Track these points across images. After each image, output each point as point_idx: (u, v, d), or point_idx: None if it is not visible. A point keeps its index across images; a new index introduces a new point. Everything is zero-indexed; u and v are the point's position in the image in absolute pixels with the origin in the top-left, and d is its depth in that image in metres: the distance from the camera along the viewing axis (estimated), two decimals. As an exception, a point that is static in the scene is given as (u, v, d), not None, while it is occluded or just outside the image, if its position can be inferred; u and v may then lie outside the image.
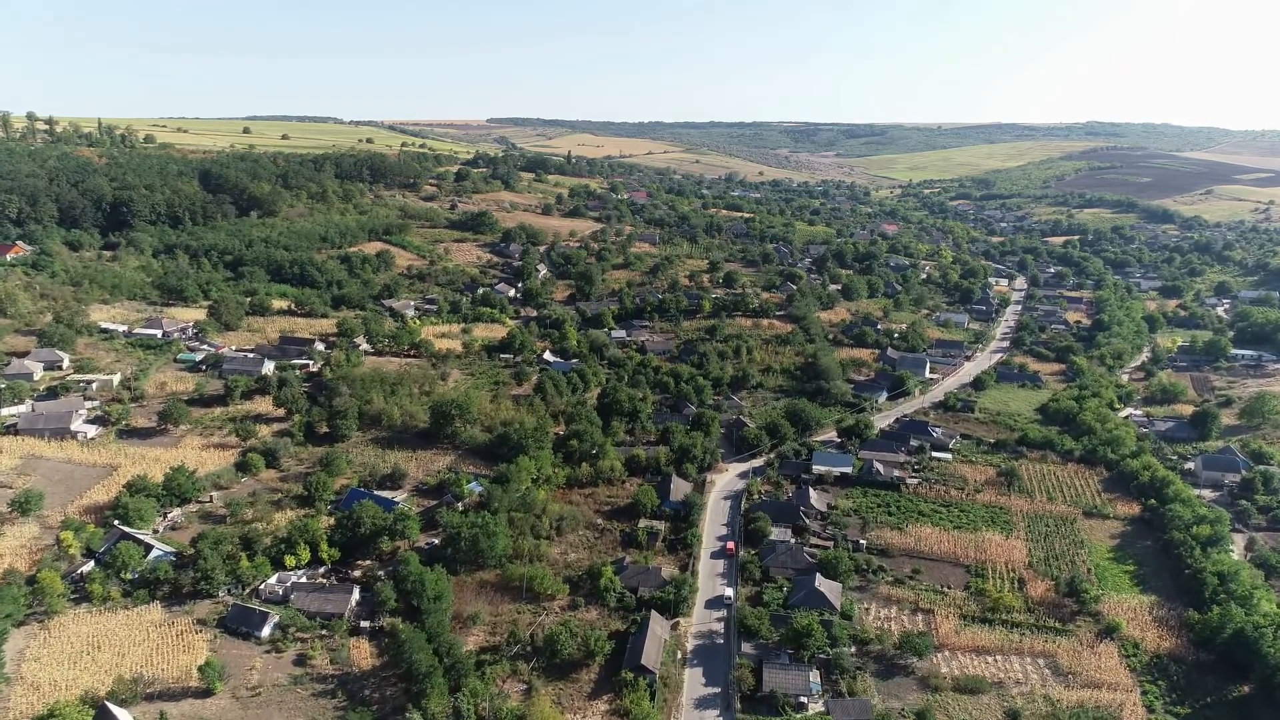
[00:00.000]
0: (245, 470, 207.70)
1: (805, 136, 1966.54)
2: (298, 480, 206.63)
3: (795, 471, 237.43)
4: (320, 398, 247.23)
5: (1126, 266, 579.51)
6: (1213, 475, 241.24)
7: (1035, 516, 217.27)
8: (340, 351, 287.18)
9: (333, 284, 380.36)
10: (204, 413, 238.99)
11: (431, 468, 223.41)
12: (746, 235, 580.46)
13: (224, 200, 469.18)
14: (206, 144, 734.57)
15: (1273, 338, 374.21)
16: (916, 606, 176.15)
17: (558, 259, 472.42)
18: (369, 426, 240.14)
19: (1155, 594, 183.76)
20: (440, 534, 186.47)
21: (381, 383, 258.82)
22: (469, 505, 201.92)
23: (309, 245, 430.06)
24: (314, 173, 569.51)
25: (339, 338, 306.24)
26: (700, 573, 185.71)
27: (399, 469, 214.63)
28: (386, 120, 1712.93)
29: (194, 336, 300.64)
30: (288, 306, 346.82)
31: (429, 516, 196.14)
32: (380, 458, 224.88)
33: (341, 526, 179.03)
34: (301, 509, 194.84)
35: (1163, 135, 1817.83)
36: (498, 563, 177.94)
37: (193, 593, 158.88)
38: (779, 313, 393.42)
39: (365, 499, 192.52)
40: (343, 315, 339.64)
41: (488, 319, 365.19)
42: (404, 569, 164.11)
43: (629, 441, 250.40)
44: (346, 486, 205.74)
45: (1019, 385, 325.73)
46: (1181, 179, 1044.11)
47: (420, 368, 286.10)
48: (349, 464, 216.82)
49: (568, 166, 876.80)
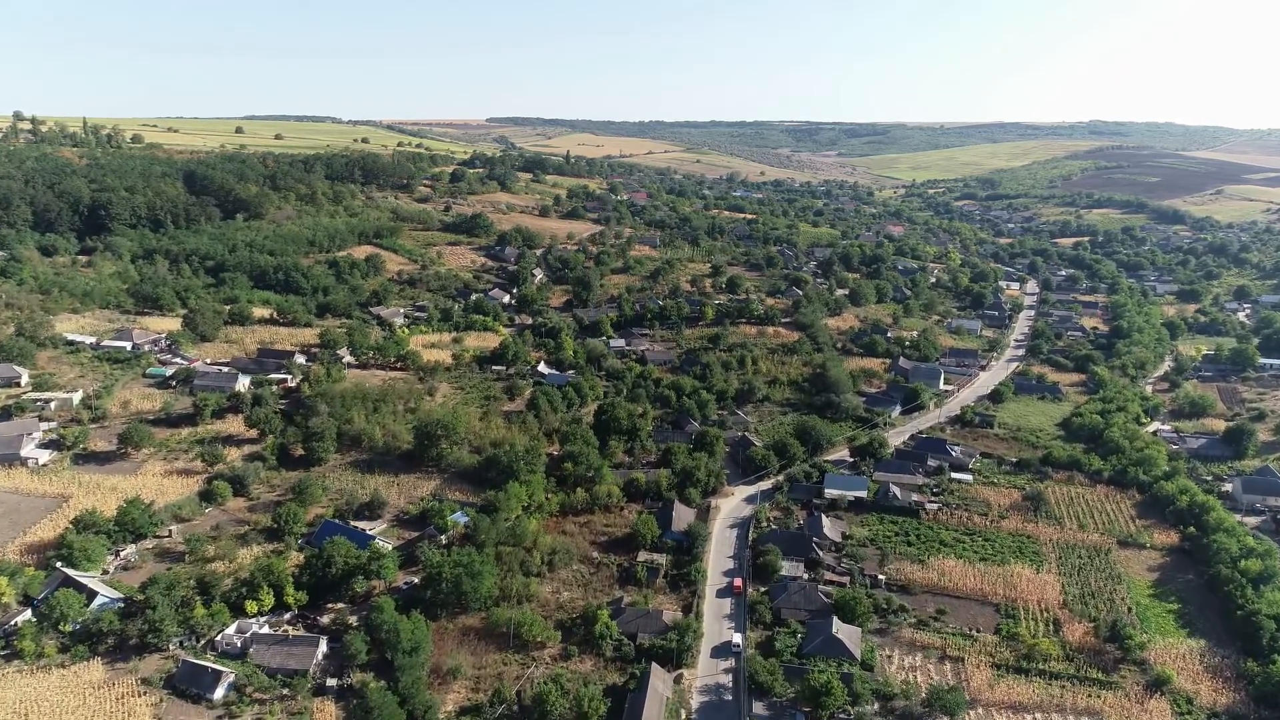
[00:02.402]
0: (210, 500, 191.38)
1: (807, 136, 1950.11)
2: (267, 510, 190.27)
3: (806, 496, 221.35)
4: (297, 416, 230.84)
5: (1140, 269, 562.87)
6: (1253, 499, 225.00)
7: (1066, 547, 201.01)
8: (320, 365, 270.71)
9: (318, 290, 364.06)
10: (170, 434, 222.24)
11: (414, 494, 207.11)
12: (749, 237, 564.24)
13: (208, 202, 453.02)
14: (196, 144, 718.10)
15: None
16: (944, 654, 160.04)
17: (555, 263, 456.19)
18: (348, 448, 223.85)
19: (1204, 637, 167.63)
20: (420, 572, 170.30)
21: (363, 399, 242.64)
22: (453, 538, 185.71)
23: (295, 249, 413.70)
24: (304, 174, 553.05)
25: (321, 349, 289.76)
26: (705, 614, 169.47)
27: (378, 497, 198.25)
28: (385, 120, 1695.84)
29: (166, 349, 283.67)
30: (269, 315, 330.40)
31: (409, 552, 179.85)
32: (359, 483, 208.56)
33: (310, 567, 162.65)
34: (270, 544, 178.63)
35: (1168, 134, 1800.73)
36: (483, 606, 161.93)
37: (140, 646, 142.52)
38: (785, 319, 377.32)
39: (339, 533, 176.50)
40: (327, 324, 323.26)
41: (480, 327, 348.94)
42: (378, 617, 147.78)
43: (628, 463, 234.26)
44: (321, 517, 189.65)
45: (1038, 398, 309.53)
46: (1190, 179, 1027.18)
47: (406, 382, 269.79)
48: (324, 491, 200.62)
49: (566, 167, 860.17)
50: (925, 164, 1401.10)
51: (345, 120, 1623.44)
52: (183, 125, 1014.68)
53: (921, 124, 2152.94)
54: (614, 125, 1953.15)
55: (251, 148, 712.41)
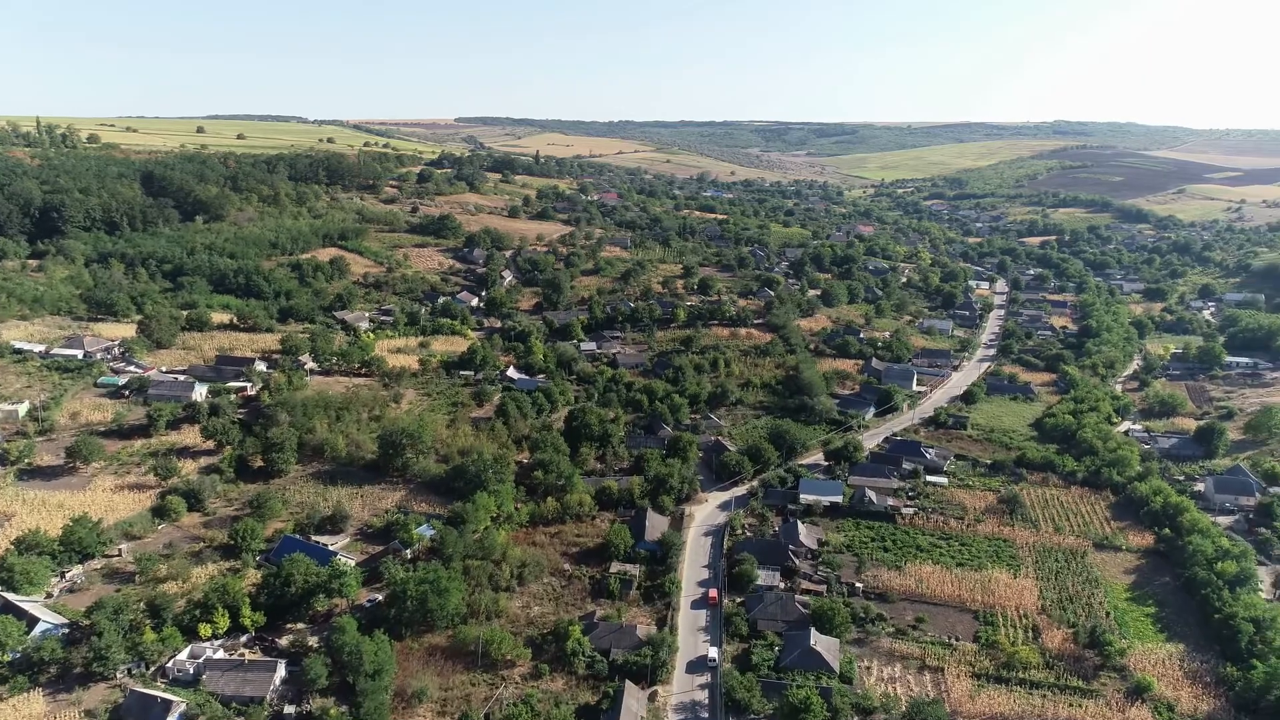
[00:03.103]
0: (163, 516, 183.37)
1: (776, 136, 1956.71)
2: (224, 526, 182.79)
3: (781, 502, 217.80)
4: (256, 426, 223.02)
5: (1107, 268, 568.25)
6: (1225, 498, 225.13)
7: (1043, 550, 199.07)
8: (281, 372, 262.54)
9: (280, 294, 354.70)
10: (122, 446, 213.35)
11: (379, 506, 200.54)
12: (721, 238, 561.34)
13: (166, 204, 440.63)
14: (155, 144, 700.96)
15: (1266, 344, 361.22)
16: (923, 663, 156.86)
17: (524, 265, 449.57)
18: (310, 459, 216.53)
19: (1182, 641, 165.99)
20: (385, 588, 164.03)
21: (326, 408, 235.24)
22: (419, 553, 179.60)
23: (257, 252, 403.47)
24: (266, 174, 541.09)
25: (282, 356, 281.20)
26: (680, 627, 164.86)
27: (341, 510, 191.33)
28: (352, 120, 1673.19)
29: (120, 356, 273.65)
30: (229, 320, 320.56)
31: (373, 567, 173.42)
32: (321, 495, 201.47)
33: (268, 585, 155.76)
34: (226, 561, 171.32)
35: (1129, 134, 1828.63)
36: (450, 623, 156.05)
37: (85, 675, 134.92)
38: (757, 321, 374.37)
39: (299, 549, 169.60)
40: (289, 329, 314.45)
41: (448, 331, 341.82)
42: (339, 638, 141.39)
43: (599, 470, 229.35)
44: (280, 532, 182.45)
45: (1011, 398, 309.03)
46: (1153, 178, 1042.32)
47: (371, 389, 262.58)
48: (284, 505, 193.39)
49: (536, 167, 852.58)
50: (894, 164, 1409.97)
51: (311, 120, 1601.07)
52: (142, 125, 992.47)
53: (889, 124, 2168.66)
54: (584, 125, 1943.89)
55: (213, 148, 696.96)
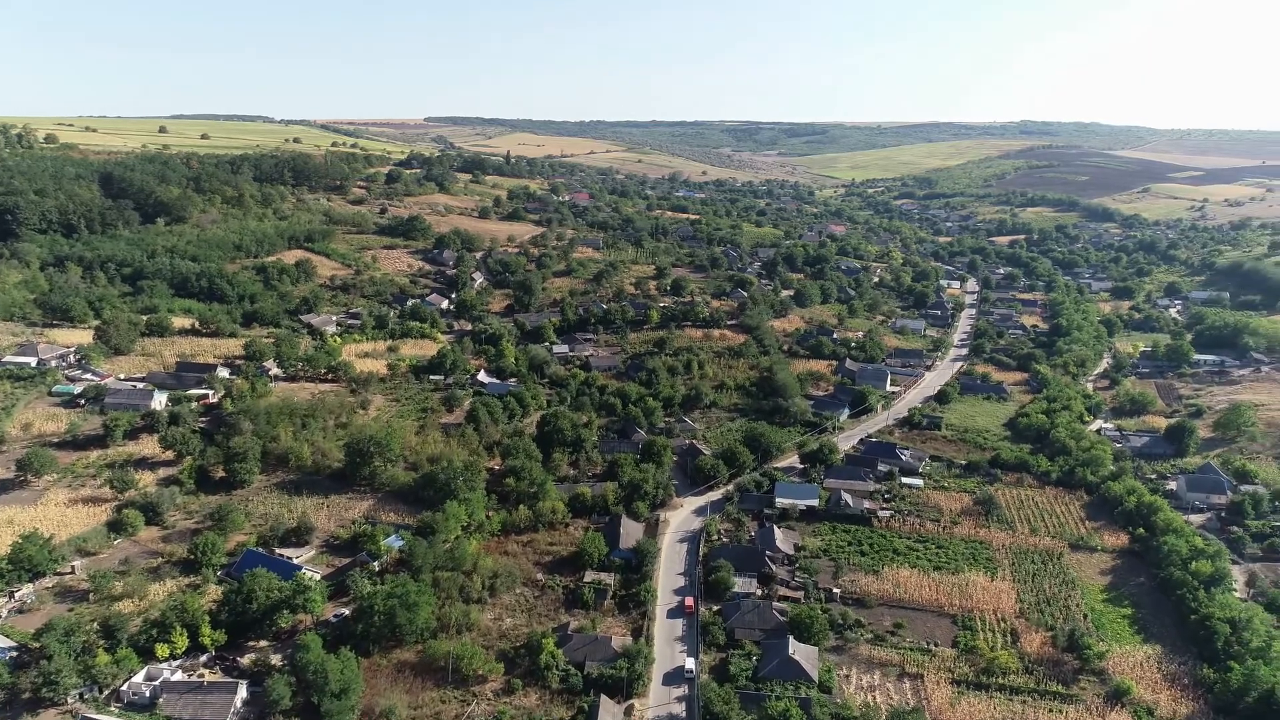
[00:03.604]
0: (119, 530, 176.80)
1: (747, 135, 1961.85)
2: (183, 540, 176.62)
3: (757, 506, 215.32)
4: (218, 435, 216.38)
5: (1075, 267, 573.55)
6: (1197, 497, 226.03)
7: (1019, 552, 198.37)
8: (244, 379, 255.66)
9: (245, 298, 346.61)
10: (76, 458, 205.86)
11: (346, 516, 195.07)
12: (693, 238, 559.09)
13: (126, 206, 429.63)
14: (115, 144, 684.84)
15: (1232, 341, 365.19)
16: (903, 670, 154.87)
17: (495, 266, 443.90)
18: (274, 468, 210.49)
19: (1159, 643, 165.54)
20: (351, 602, 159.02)
21: (291, 415, 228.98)
22: (387, 565, 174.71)
23: (221, 255, 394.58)
24: (230, 175, 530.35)
25: (246, 361, 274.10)
26: (656, 637, 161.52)
27: (306, 521, 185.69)
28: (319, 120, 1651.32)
29: (76, 364, 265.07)
30: (191, 325, 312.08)
31: (339, 581, 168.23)
32: (286, 506, 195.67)
33: (229, 602, 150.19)
34: (185, 577, 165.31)
35: (1094, 134, 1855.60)
36: (419, 638, 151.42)
37: (34, 701, 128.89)
38: (730, 322, 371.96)
39: (262, 563, 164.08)
40: (254, 334, 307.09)
41: (417, 334, 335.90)
42: (303, 656, 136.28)
43: (572, 476, 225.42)
44: (243, 545, 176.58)
45: (984, 398, 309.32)
46: (1118, 177, 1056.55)
47: (338, 395, 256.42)
48: (247, 517, 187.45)
49: (507, 167, 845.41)
50: (864, 163, 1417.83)
51: (278, 120, 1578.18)
52: (102, 125, 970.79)
53: (859, 124, 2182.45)
54: (555, 125, 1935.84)
55: (175, 148, 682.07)
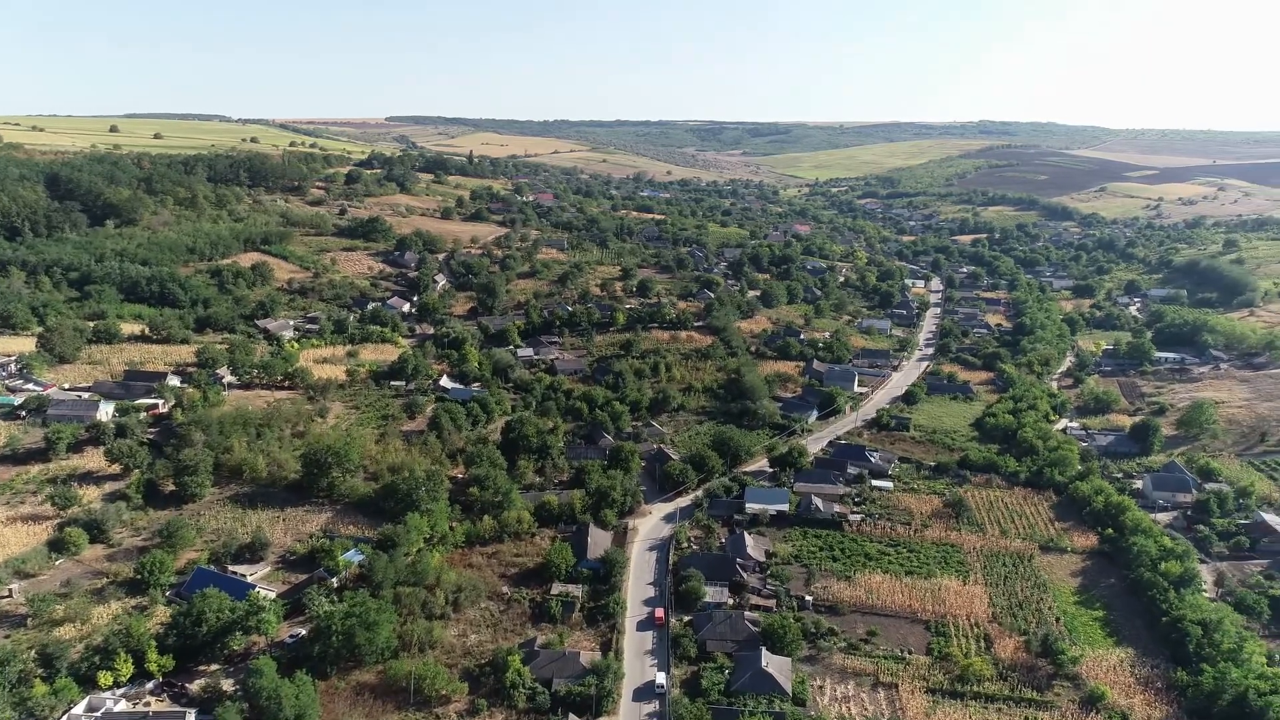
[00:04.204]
0: (61, 550, 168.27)
1: (711, 135, 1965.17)
2: (130, 559, 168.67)
3: (727, 512, 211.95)
4: (168, 447, 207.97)
5: (1037, 265, 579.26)
6: (1163, 496, 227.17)
7: (990, 555, 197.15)
8: (196, 388, 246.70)
9: (198, 303, 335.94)
10: (16, 474, 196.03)
11: (303, 530, 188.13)
12: (659, 238, 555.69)
13: (74, 208, 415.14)
14: (63, 144, 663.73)
15: (1191, 339, 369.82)
16: (877, 679, 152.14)
17: (458, 268, 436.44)
18: (227, 481, 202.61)
19: (1132, 645, 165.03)
20: (308, 621, 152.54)
21: (245, 425, 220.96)
22: (346, 580, 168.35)
23: (173, 258, 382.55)
24: (183, 176, 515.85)
25: (198, 369, 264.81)
26: (626, 651, 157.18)
27: (260, 536, 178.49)
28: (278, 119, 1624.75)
29: (17, 374, 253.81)
30: (141, 332, 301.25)
31: (296, 598, 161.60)
32: (239, 521, 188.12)
33: (177, 625, 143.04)
34: (132, 598, 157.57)
35: (1051, 134, 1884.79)
36: (379, 658, 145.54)
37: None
38: (697, 323, 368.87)
39: (214, 581, 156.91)
40: (207, 340, 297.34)
41: (377, 339, 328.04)
42: (256, 681, 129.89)
43: (539, 484, 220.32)
44: (193, 563, 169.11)
45: (951, 397, 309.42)
46: (1076, 176, 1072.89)
47: (294, 402, 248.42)
48: (198, 533, 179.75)
49: (470, 167, 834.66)
50: (827, 163, 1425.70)
51: (235, 119, 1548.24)
52: (51, 124, 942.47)
53: (822, 124, 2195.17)
54: (518, 124, 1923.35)
55: (126, 148, 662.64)
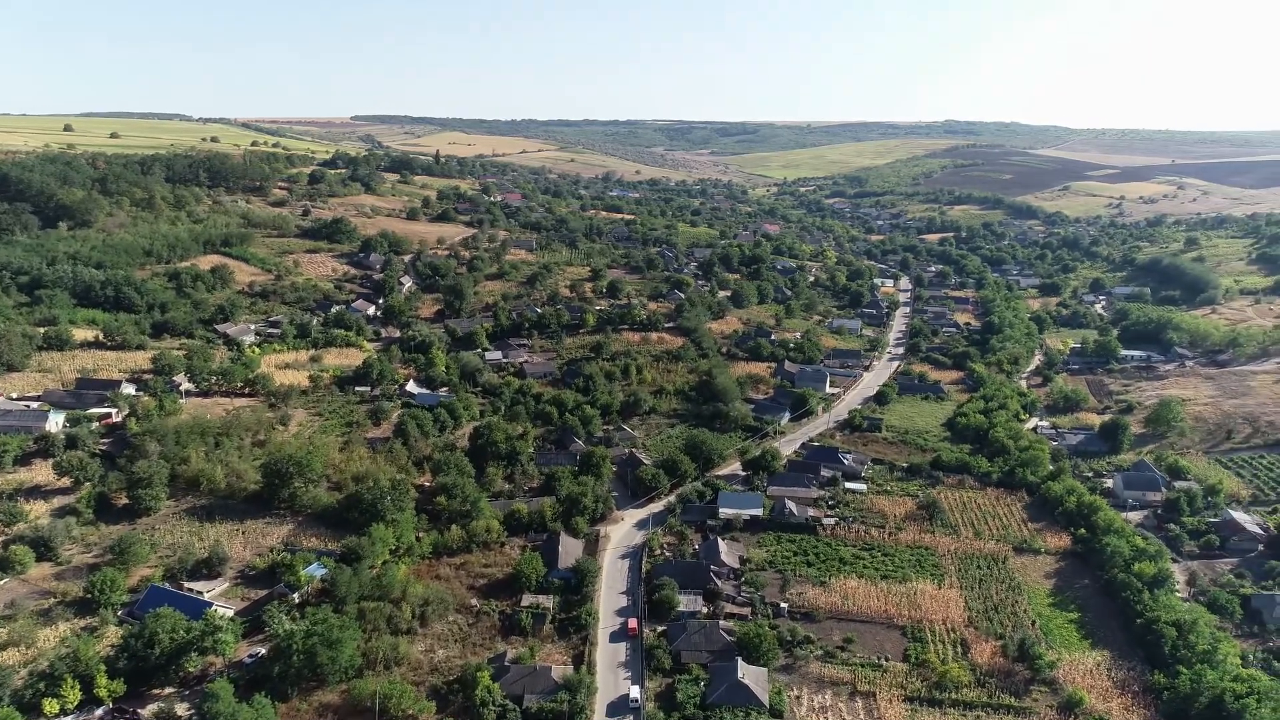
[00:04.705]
0: (6, 569, 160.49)
1: (680, 135, 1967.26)
2: (80, 577, 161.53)
3: (700, 517, 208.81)
4: (121, 459, 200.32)
5: (1003, 264, 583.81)
6: (1133, 495, 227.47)
7: (965, 557, 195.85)
8: (152, 396, 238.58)
9: (155, 307, 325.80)
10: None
11: (263, 544, 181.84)
12: (629, 239, 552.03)
13: (24, 210, 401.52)
14: (14, 144, 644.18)
15: (1156, 336, 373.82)
16: (854, 688, 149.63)
17: (424, 270, 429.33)
18: (184, 493, 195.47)
19: (1107, 648, 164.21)
20: (268, 640, 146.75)
21: (203, 434, 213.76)
22: (308, 595, 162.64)
23: (129, 261, 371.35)
24: (140, 176, 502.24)
25: (154, 376, 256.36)
26: (599, 664, 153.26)
27: (219, 551, 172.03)
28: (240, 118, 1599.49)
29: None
30: (95, 338, 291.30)
31: (255, 615, 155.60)
32: (196, 535, 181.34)
33: (129, 648, 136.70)
34: (81, 619, 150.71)
35: (1015, 133, 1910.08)
36: (343, 677, 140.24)
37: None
38: (668, 324, 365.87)
39: (168, 600, 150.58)
40: (164, 345, 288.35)
41: (342, 343, 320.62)
42: (212, 706, 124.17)
43: (508, 492, 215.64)
44: (147, 580, 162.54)
45: (922, 397, 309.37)
46: (1040, 176, 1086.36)
47: (255, 410, 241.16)
48: (152, 548, 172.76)
49: (436, 167, 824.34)
50: (795, 162, 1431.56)
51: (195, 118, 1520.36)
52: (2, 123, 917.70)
53: (790, 123, 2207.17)
54: (486, 123, 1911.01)
55: (81, 148, 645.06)
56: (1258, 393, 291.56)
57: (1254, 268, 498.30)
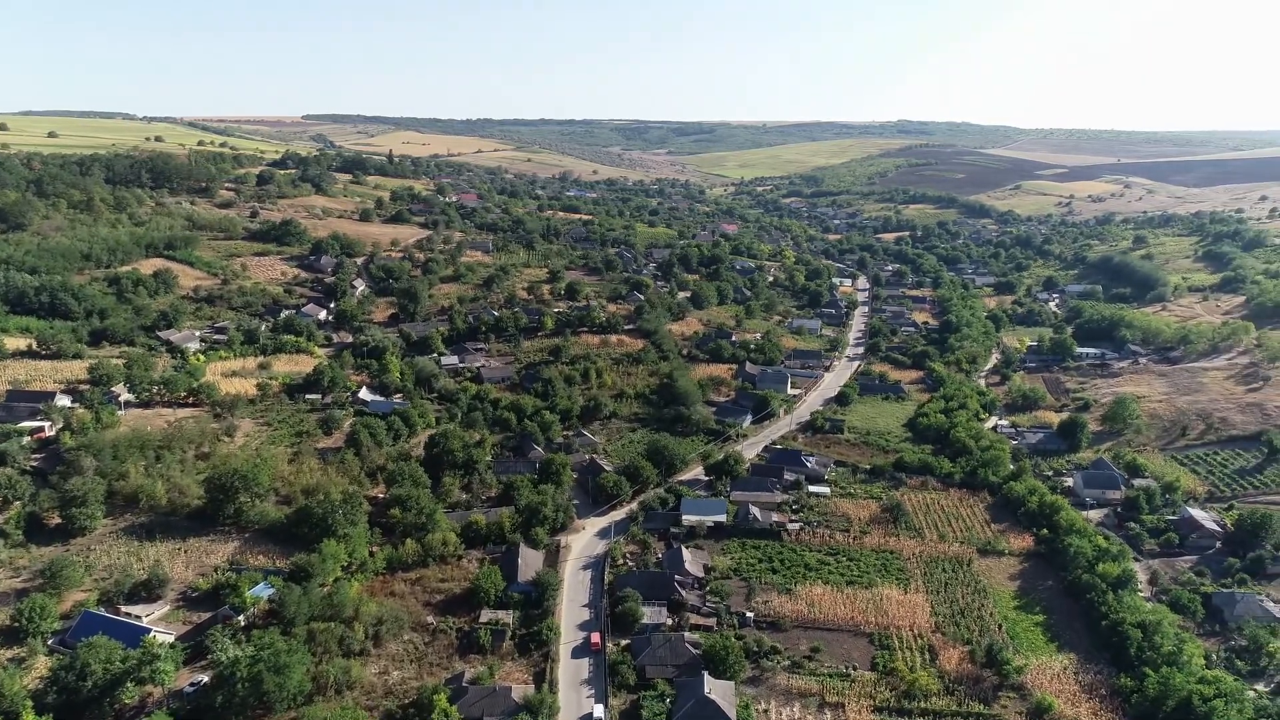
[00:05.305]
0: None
1: (637, 135, 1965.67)
2: (7, 604, 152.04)
3: (663, 525, 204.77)
4: (54, 475, 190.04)
5: (958, 262, 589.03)
6: (1093, 493, 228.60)
7: (930, 560, 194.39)
8: (88, 408, 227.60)
9: (94, 313, 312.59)
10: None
11: (206, 563, 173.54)
12: (587, 239, 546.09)
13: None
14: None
15: (1109, 334, 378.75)
16: (823, 699, 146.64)
17: (378, 272, 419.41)
18: (122, 510, 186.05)
19: (1073, 650, 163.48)
20: (211, 667, 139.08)
21: (142, 448, 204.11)
22: (255, 617, 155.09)
23: (66, 266, 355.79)
24: (78, 177, 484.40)
25: (91, 387, 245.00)
26: (561, 682, 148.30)
27: (159, 572, 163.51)
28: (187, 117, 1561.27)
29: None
30: (28, 346, 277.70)
31: (198, 640, 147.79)
32: (135, 555, 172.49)
33: (58, 680, 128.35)
34: (8, 650, 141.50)
35: (966, 133, 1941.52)
36: (292, 704, 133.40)
37: None
38: (628, 326, 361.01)
39: (103, 627, 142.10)
40: (103, 354, 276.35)
41: (292, 349, 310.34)
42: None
43: (465, 502, 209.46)
44: (81, 605, 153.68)
45: (883, 398, 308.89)
46: (992, 175, 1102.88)
47: (199, 421, 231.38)
48: (87, 571, 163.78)
49: (390, 167, 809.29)
50: (752, 162, 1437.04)
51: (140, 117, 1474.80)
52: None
53: (745, 123, 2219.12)
54: (440, 123, 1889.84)
55: (15, 147, 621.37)
56: (1209, 389, 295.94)
57: (1200, 265, 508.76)
